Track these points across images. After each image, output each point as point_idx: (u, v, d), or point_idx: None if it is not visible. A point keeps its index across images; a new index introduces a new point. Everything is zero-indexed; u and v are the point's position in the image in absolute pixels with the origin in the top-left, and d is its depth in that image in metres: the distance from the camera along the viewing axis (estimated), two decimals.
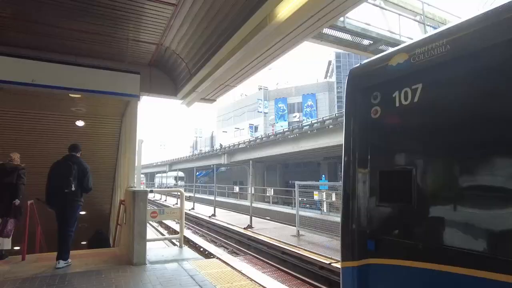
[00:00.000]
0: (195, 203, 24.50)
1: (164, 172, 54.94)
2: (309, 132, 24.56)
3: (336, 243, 9.17)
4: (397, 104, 2.30)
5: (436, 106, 2.10)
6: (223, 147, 39.20)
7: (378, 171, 2.44)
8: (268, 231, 12.83)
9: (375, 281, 2.37)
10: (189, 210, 21.62)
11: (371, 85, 2.55)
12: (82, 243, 9.50)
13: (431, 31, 2.33)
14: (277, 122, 47.22)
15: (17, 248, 6.52)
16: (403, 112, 2.29)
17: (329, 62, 50.27)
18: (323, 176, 29.04)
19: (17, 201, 5.80)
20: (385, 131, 2.47)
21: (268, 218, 18.10)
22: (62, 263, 5.22)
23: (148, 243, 5.79)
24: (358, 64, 2.82)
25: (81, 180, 5.46)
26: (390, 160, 2.43)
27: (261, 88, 51.55)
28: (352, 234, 2.56)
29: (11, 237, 5.89)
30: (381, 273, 2.35)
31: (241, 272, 6.99)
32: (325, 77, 51.85)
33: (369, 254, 2.40)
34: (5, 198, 5.79)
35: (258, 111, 49.12)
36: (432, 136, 2.15)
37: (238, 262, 8.81)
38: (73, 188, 5.29)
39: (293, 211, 14.54)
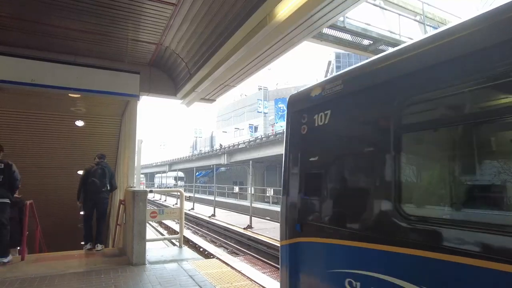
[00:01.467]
0: (194, 203, 24.48)
1: (164, 172, 54.92)
2: None
3: None
4: (316, 124, 3.14)
5: (336, 128, 2.96)
6: (223, 147, 39.19)
7: (304, 173, 3.31)
8: (268, 231, 12.82)
9: (301, 255, 3.22)
10: (189, 210, 21.61)
11: (301, 109, 3.41)
12: (82, 243, 9.49)
13: (361, 62, 3.04)
14: (277, 122, 47.20)
15: None
16: (319, 131, 3.12)
17: (329, 63, 50.21)
18: None
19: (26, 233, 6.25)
20: (309, 143, 3.29)
21: (268, 218, 18.10)
22: (99, 246, 6.50)
23: (147, 243, 5.78)
24: (295, 92, 3.73)
25: (110, 180, 6.77)
26: (311, 165, 3.28)
27: (260, 88, 51.54)
28: (287, 220, 3.44)
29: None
30: (304, 248, 3.20)
31: (241, 272, 6.99)
32: (325, 77, 51.78)
33: (297, 235, 3.25)
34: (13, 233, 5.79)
35: (258, 111, 49.11)
36: (335, 148, 3.04)
37: (238, 262, 8.81)
38: (108, 187, 6.67)
39: None
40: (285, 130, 3.66)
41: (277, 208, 20.25)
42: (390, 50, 2.74)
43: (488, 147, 2.19)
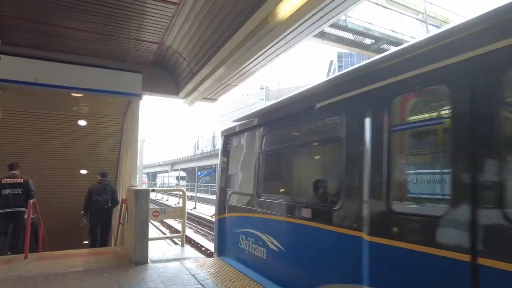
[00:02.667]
0: (196, 203, 24.52)
1: (166, 172, 55.00)
2: None
3: None
4: (234, 145, 5.64)
5: (241, 148, 5.37)
6: None
7: (228, 174, 5.70)
8: None
9: (225, 224, 5.55)
10: (191, 209, 21.64)
11: (228, 134, 5.82)
12: (84, 242, 9.54)
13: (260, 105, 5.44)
14: None
15: None
16: (235, 148, 5.60)
17: (331, 62, 50.04)
18: None
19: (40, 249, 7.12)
20: (231, 156, 5.73)
21: None
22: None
23: (150, 242, 5.80)
24: (227, 127, 5.94)
25: (112, 197, 7.69)
26: (231, 169, 5.65)
27: (262, 88, 51.56)
28: (219, 204, 5.80)
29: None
30: (227, 221, 5.51)
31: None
32: (327, 77, 51.58)
33: (224, 212, 5.65)
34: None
35: None
36: (240, 159, 5.38)
37: None
38: (110, 204, 7.57)
39: None
40: (220, 148, 6.15)
41: None
42: (253, 111, 5.24)
43: (293, 162, 4.43)
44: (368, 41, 9.75)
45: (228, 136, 5.79)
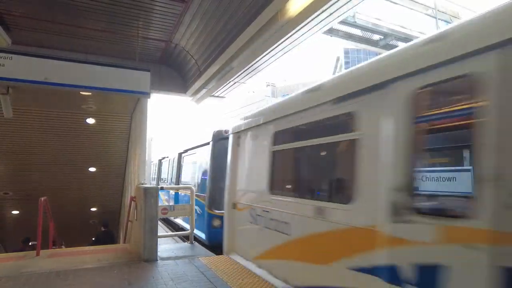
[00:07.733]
0: None
1: None
2: None
3: None
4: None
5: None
6: None
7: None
8: None
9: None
10: None
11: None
12: (93, 238, 9.65)
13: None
14: None
15: None
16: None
17: (337, 58, 49.74)
18: None
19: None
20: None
21: None
22: None
23: (158, 240, 5.83)
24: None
25: (111, 240, 9.36)
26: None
27: (268, 85, 51.36)
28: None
29: None
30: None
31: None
32: (333, 73, 51.35)
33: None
34: None
35: None
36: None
37: None
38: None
39: None
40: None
41: None
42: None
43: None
44: (376, 37, 9.64)
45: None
